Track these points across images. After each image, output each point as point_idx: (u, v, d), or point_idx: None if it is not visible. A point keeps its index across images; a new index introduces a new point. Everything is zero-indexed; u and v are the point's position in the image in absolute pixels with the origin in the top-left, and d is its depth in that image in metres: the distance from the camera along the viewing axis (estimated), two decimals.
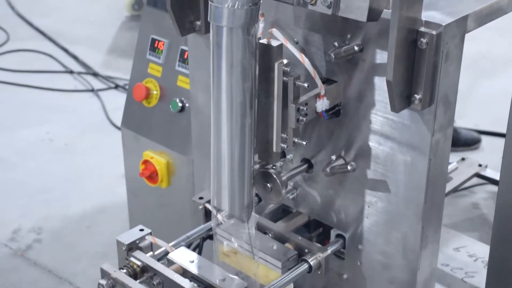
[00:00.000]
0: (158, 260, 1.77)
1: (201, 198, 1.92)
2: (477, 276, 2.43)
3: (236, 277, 1.71)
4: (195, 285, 1.68)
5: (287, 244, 1.78)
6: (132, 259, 1.75)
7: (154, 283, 1.71)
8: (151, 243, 1.83)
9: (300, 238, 1.78)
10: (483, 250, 2.55)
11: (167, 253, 1.81)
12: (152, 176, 2.53)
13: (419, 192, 1.68)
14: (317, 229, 2.01)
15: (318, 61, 1.73)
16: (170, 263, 1.77)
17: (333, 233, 1.90)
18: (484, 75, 4.41)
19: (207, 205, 1.87)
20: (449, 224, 3.05)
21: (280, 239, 1.79)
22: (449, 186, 2.65)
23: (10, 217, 3.18)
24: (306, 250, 1.76)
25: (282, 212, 2.07)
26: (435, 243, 1.80)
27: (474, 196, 3.29)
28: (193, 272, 1.72)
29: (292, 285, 1.74)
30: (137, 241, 1.80)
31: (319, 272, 1.75)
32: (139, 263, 1.74)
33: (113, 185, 3.36)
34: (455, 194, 3.22)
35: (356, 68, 1.68)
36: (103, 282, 1.70)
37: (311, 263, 1.73)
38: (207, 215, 1.89)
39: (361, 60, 1.66)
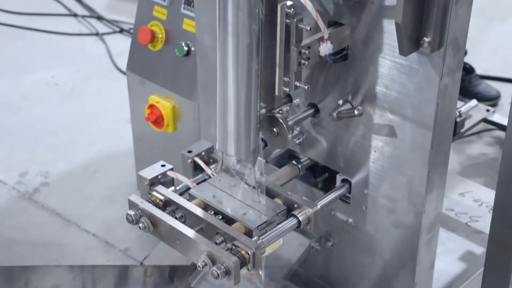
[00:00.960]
0: (180, 195, 1.79)
1: (189, 151, 1.90)
2: (481, 220, 2.45)
3: (259, 211, 1.70)
4: (217, 218, 1.69)
5: (276, 199, 1.77)
6: (154, 193, 1.76)
7: (177, 216, 1.72)
8: (173, 179, 1.84)
9: (289, 193, 1.76)
10: (488, 195, 2.56)
11: (188, 188, 1.82)
12: (158, 120, 2.53)
13: (425, 136, 1.68)
14: (323, 174, 2.02)
15: (327, 4, 1.70)
16: (191, 198, 1.78)
17: (339, 178, 1.91)
18: (494, 21, 4.34)
19: (196, 159, 1.87)
20: (455, 169, 3.05)
21: (269, 193, 1.77)
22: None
23: (17, 161, 3.20)
24: (295, 205, 1.73)
25: (288, 157, 2.07)
26: (441, 188, 1.81)
27: (481, 142, 3.28)
28: (214, 206, 1.73)
29: (281, 240, 1.72)
30: (159, 176, 1.82)
31: (308, 228, 1.73)
32: (161, 197, 1.76)
33: (119, 130, 3.36)
34: (462, 139, 3.21)
35: (364, 10, 1.65)
36: (131, 212, 1.72)
37: (300, 218, 1.71)
38: (196, 169, 1.89)
39: (370, 2, 1.63)
